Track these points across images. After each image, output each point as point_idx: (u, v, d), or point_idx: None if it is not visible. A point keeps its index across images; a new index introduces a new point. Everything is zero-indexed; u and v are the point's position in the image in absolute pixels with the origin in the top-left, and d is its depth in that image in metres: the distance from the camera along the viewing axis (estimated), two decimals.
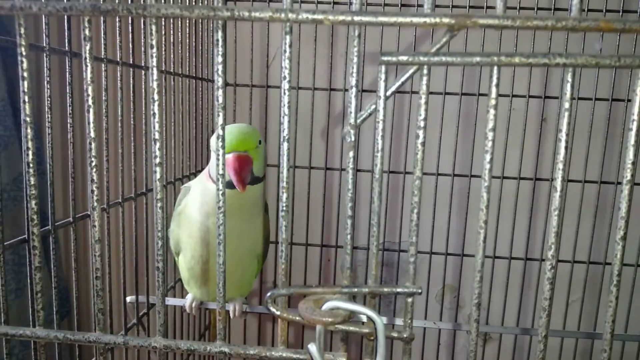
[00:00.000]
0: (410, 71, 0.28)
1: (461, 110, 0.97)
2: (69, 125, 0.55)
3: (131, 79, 0.66)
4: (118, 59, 0.62)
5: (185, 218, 0.69)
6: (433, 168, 0.98)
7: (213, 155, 0.65)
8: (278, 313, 0.29)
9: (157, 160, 0.30)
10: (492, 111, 0.28)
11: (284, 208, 0.30)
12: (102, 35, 0.59)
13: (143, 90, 0.67)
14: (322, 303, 0.29)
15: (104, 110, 0.60)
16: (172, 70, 0.79)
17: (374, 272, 0.30)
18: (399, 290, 0.29)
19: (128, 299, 0.76)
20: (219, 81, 0.31)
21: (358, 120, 0.29)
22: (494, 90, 0.28)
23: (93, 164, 0.30)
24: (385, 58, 0.28)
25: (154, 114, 0.30)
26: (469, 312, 1.16)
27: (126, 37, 0.64)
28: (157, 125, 0.30)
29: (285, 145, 0.29)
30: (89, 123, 0.30)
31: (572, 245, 0.97)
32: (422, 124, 0.28)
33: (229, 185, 0.64)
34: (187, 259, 0.72)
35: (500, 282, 1.02)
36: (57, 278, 0.57)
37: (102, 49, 0.59)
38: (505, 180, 0.98)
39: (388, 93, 0.28)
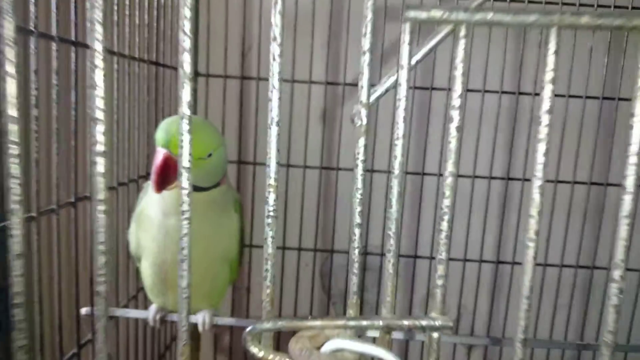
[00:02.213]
0: (444, 31, 0.21)
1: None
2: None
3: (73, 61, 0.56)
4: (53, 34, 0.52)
5: (145, 218, 0.61)
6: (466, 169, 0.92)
7: None
8: (261, 355, 0.21)
9: (100, 148, 0.22)
10: (548, 88, 0.21)
11: (271, 213, 0.22)
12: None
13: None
14: (322, 341, 0.21)
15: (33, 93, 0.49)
16: (127, 54, 0.69)
17: (389, 297, 0.22)
18: (423, 323, 0.22)
19: (83, 310, 0.67)
20: (186, 70, 0.23)
21: (372, 97, 0.21)
22: (551, 60, 0.21)
23: (14, 154, 0.22)
24: (412, 14, 0.20)
25: (95, 86, 0.22)
26: (454, 317, 1.10)
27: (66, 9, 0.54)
28: (100, 102, 0.22)
29: (274, 130, 0.22)
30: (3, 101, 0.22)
31: (560, 248, 0.92)
32: (456, 102, 0.21)
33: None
34: (149, 264, 0.63)
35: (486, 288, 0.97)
36: None
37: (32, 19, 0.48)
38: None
39: (413, 60, 0.21)
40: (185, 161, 0.21)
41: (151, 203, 0.60)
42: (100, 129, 0.22)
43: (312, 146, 0.93)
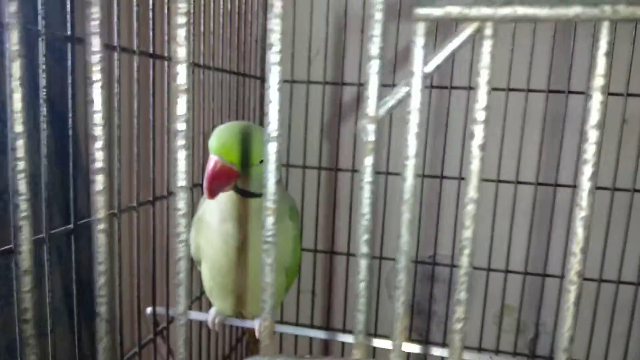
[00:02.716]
0: (467, 31, 0.17)
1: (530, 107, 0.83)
2: (69, 120, 0.48)
3: (151, 71, 0.59)
4: (134, 48, 0.55)
5: (204, 224, 0.61)
6: (493, 174, 0.85)
7: None
8: None
9: (99, 164, 0.21)
10: (597, 97, 0.17)
11: (269, 239, 0.20)
12: (116, 20, 0.51)
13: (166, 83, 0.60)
14: None
15: (115, 104, 0.52)
16: (202, 63, 0.71)
17: (400, 325, 0.19)
18: None
19: (147, 310, 0.69)
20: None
21: (381, 110, 0.19)
22: (602, 62, 0.17)
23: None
24: (423, 11, 0.17)
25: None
26: (531, 336, 1.01)
27: (145, 23, 0.57)
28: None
29: (272, 147, 0.20)
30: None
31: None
32: (480, 116, 0.18)
33: (239, 191, 0.57)
34: (208, 268, 0.64)
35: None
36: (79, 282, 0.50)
37: (115, 35, 0.52)
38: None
39: (428, 68, 0.18)
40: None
41: (209, 209, 0.61)
42: (98, 145, 0.21)
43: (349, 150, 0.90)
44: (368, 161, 0.18)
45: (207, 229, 0.61)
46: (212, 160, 0.53)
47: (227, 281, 0.63)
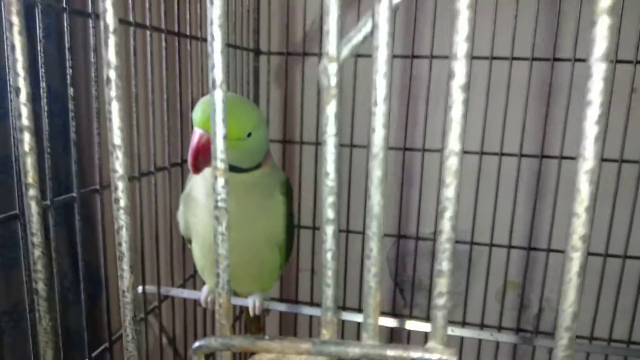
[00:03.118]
0: None
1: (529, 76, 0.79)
2: (93, 91, 0.48)
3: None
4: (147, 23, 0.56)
5: (191, 201, 0.59)
6: (497, 147, 0.82)
7: None
8: None
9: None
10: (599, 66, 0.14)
11: (220, 204, 0.17)
12: None
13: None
14: None
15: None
16: (188, 34, 0.68)
17: (371, 319, 0.17)
18: (415, 357, 0.16)
19: (138, 289, 0.67)
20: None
21: (344, 48, 0.16)
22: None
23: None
24: None
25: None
26: (535, 312, 0.99)
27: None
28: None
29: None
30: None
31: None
32: (461, 49, 0.15)
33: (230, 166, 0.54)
34: (198, 246, 0.61)
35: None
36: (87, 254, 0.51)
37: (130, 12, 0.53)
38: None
39: None
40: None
41: (196, 185, 0.58)
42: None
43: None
44: (330, 109, 0.15)
45: (195, 205, 0.59)
46: (197, 133, 0.51)
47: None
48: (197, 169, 0.51)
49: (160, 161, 0.64)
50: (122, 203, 0.16)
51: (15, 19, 0.17)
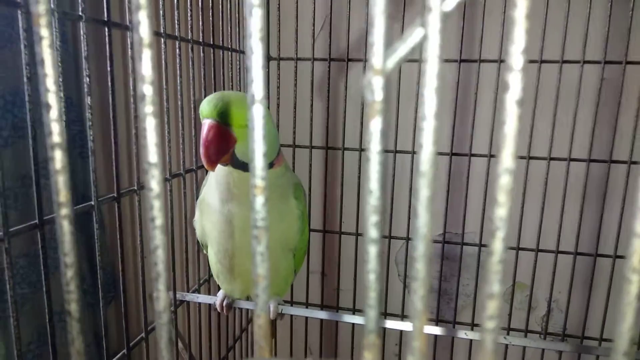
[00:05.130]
0: None
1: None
2: (110, 100, 0.47)
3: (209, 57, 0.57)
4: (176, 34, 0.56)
5: (206, 206, 0.58)
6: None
7: None
8: None
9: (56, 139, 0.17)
10: None
11: (259, 223, 0.16)
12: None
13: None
14: None
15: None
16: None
17: (419, 324, 0.16)
18: None
19: (155, 294, 0.66)
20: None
21: (389, 60, 0.14)
22: None
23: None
24: None
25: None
26: (542, 313, 0.97)
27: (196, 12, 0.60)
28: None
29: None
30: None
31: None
32: (518, 62, 0.13)
33: (238, 165, 0.52)
34: (214, 251, 0.60)
35: (581, 282, 0.84)
36: (103, 260, 0.50)
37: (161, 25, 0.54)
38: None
39: (448, 5, 0.14)
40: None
41: (210, 190, 0.57)
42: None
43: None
44: (375, 125, 0.14)
45: (209, 211, 0.57)
46: (206, 124, 0.48)
47: (233, 263, 0.59)
48: (211, 162, 0.48)
49: (175, 167, 0.63)
50: (158, 222, 0.15)
51: (44, 32, 0.15)
